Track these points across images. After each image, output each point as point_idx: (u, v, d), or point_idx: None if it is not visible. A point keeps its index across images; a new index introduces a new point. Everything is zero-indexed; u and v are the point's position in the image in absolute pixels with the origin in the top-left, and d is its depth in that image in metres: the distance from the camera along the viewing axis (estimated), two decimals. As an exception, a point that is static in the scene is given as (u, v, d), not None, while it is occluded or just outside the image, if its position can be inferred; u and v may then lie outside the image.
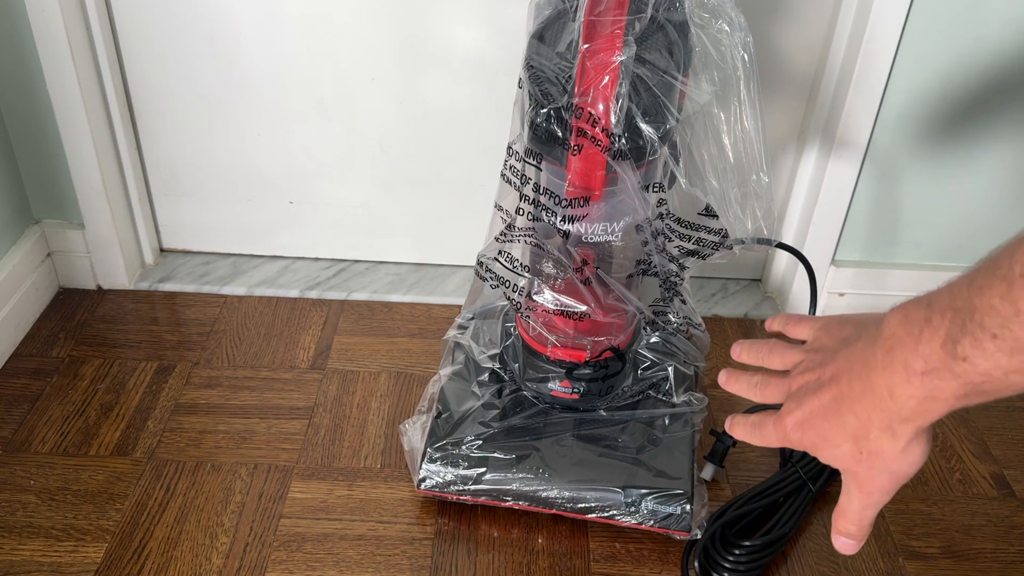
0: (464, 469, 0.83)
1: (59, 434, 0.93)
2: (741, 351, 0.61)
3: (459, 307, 1.00)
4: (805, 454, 0.86)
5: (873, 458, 0.48)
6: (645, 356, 0.90)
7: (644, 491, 0.81)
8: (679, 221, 0.78)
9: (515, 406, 0.88)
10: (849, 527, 0.53)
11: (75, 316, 1.10)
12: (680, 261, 0.79)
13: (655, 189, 0.74)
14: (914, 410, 0.44)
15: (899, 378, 0.43)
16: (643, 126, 0.68)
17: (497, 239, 0.80)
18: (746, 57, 0.72)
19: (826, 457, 0.51)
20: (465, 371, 0.91)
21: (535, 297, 0.80)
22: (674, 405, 0.88)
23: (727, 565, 0.78)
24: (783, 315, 0.62)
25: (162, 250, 1.21)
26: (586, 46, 0.66)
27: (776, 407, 0.54)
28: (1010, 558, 0.84)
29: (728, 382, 0.60)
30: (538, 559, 0.82)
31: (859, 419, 0.47)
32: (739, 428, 0.57)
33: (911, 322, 0.43)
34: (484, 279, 0.83)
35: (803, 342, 0.57)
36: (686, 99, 0.73)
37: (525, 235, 0.77)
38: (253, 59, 1.04)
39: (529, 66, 0.71)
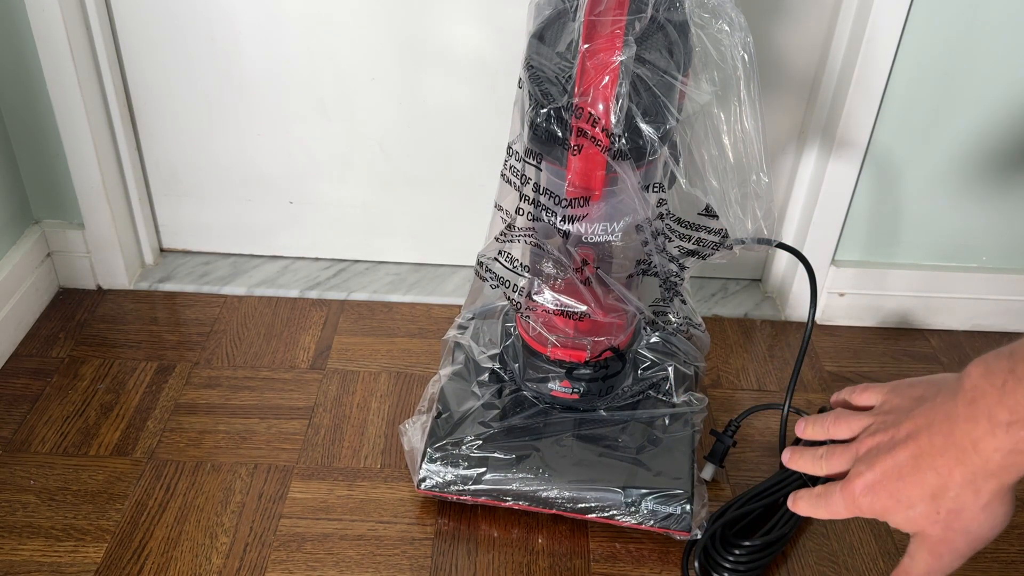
0: (464, 469, 0.83)
1: (59, 434, 0.93)
2: (806, 427, 0.59)
3: (459, 307, 1.01)
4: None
5: (951, 517, 0.47)
6: (645, 356, 0.90)
7: (644, 491, 0.81)
8: (679, 221, 0.78)
9: (515, 406, 0.88)
10: None
11: (75, 316, 1.10)
12: (680, 261, 0.79)
13: (655, 189, 0.74)
14: (999, 464, 0.43)
15: (983, 430, 0.42)
16: (643, 126, 0.68)
17: (497, 239, 0.80)
18: (746, 57, 0.72)
19: (898, 520, 0.49)
20: (465, 371, 0.91)
21: (535, 297, 0.80)
22: (674, 405, 0.88)
23: (727, 565, 0.78)
24: (848, 388, 0.59)
25: (162, 250, 1.21)
26: (586, 46, 0.66)
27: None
28: (1010, 558, 0.84)
29: (792, 459, 0.58)
30: (538, 559, 0.82)
31: (939, 475, 0.46)
32: (803, 502, 0.55)
33: (993, 373, 0.42)
34: (484, 279, 0.83)
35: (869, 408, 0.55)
36: (686, 99, 0.73)
37: (525, 235, 0.77)
38: (253, 59, 1.04)
39: (529, 66, 0.71)
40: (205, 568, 0.80)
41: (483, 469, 0.82)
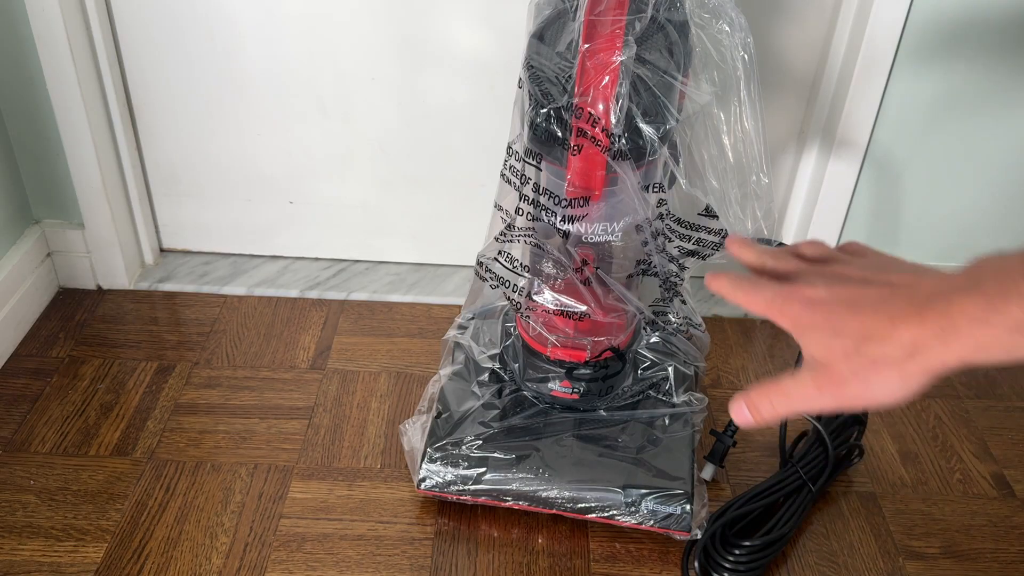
0: (464, 469, 0.83)
1: (59, 434, 0.93)
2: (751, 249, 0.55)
3: (459, 307, 1.00)
4: (806, 454, 0.86)
5: (866, 364, 0.44)
6: (645, 356, 0.90)
7: (644, 491, 0.81)
8: (679, 221, 0.78)
9: (515, 406, 0.88)
10: (768, 411, 0.48)
11: (75, 316, 1.10)
12: (680, 261, 0.79)
13: (655, 189, 0.74)
14: (958, 332, 0.41)
15: (964, 293, 0.41)
16: (643, 126, 0.68)
17: (497, 239, 0.80)
18: (746, 57, 0.72)
19: (812, 342, 0.46)
20: (465, 371, 0.91)
21: (535, 297, 0.80)
22: (674, 405, 0.88)
23: (727, 565, 0.78)
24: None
25: (162, 250, 1.21)
26: (586, 46, 0.66)
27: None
28: (1010, 558, 0.84)
29: (737, 243, 0.55)
30: (538, 559, 0.82)
31: (892, 323, 0.43)
32: (724, 280, 0.52)
33: (1004, 256, 0.41)
34: (484, 279, 0.83)
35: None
36: (686, 99, 0.73)
37: (525, 235, 0.77)
38: (253, 59, 1.04)
39: (529, 66, 0.71)
40: (205, 568, 0.80)
41: (483, 469, 0.82)
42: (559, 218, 0.73)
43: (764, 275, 0.53)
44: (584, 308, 0.79)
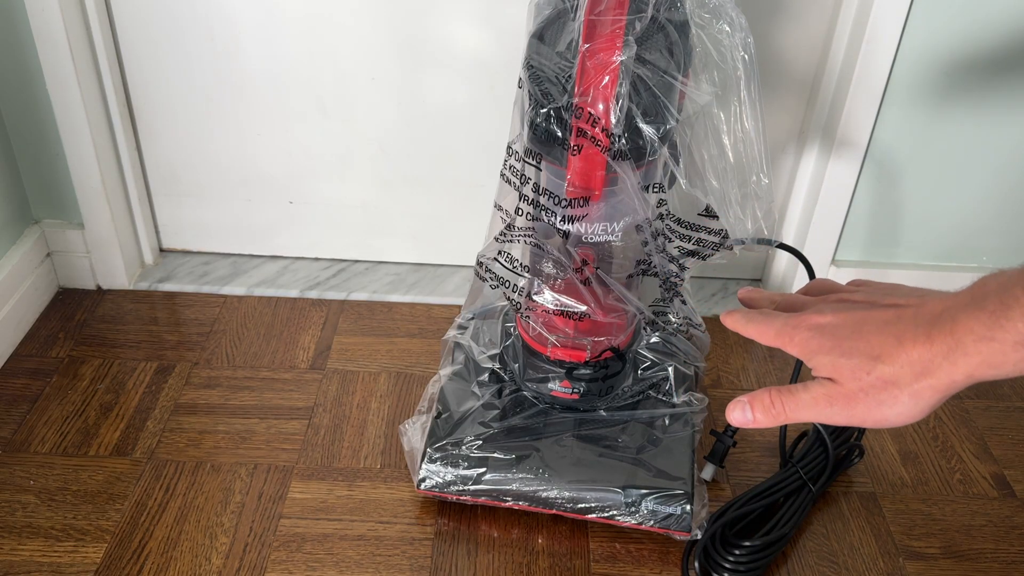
0: (464, 469, 0.83)
1: (59, 434, 0.93)
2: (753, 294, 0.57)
3: (459, 307, 1.00)
4: (806, 454, 0.86)
5: (876, 383, 0.45)
6: (645, 356, 0.90)
7: (644, 491, 0.81)
8: (679, 221, 0.78)
9: (515, 406, 0.88)
10: (769, 417, 0.49)
11: (75, 316, 1.10)
12: (680, 261, 0.79)
13: (655, 189, 0.74)
14: (965, 350, 0.42)
15: (968, 313, 0.42)
16: (643, 126, 0.68)
17: (497, 239, 0.80)
18: (746, 57, 0.72)
19: (822, 363, 0.48)
20: (465, 371, 0.91)
21: (535, 297, 0.80)
22: (674, 405, 0.88)
23: (727, 565, 0.78)
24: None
25: (162, 250, 1.21)
26: (586, 46, 0.66)
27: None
28: (1011, 558, 0.84)
29: (745, 296, 0.56)
30: (538, 559, 0.82)
31: (900, 344, 0.44)
32: (737, 316, 0.53)
33: (1004, 274, 0.42)
34: (484, 279, 0.83)
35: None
36: (686, 99, 0.73)
37: (525, 235, 0.77)
38: (253, 59, 1.04)
39: (529, 66, 0.71)
40: (205, 568, 0.80)
41: (483, 469, 0.82)
42: (559, 218, 0.73)
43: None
44: (584, 308, 0.79)
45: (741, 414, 0.51)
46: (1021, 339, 0.40)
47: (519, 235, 0.78)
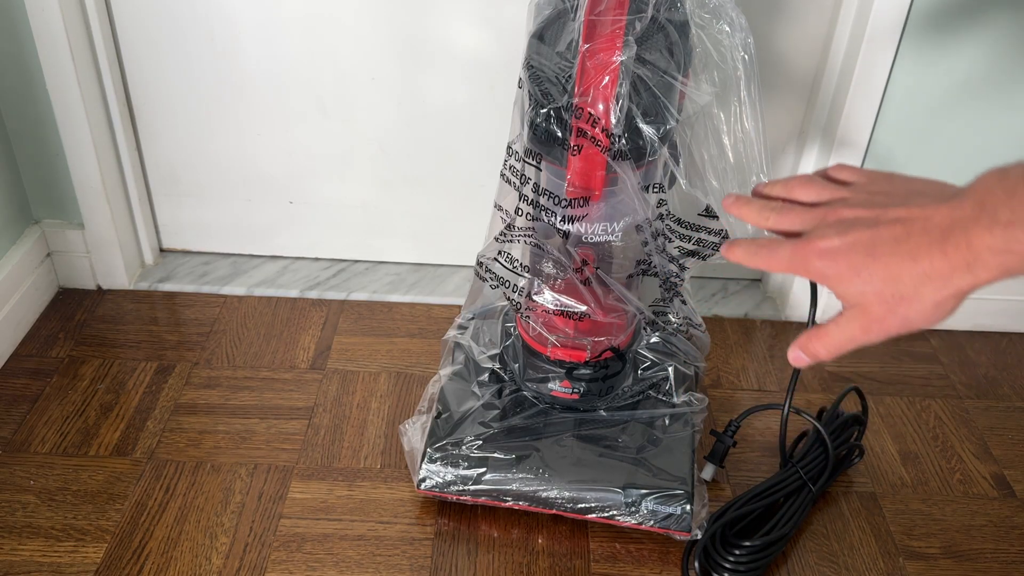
0: (464, 469, 0.83)
1: (59, 434, 0.93)
2: (768, 185, 0.58)
3: (459, 307, 1.00)
4: (806, 454, 0.86)
5: (900, 302, 0.47)
6: (645, 356, 0.90)
7: (644, 491, 0.81)
8: (679, 221, 0.78)
9: (515, 406, 0.88)
10: (821, 351, 0.51)
11: (75, 316, 1.10)
12: (680, 262, 0.79)
13: (655, 189, 0.74)
14: (984, 262, 0.43)
15: (983, 226, 0.43)
16: (643, 126, 0.68)
17: (497, 239, 0.80)
18: (746, 58, 0.72)
19: (845, 291, 0.49)
20: (465, 371, 0.91)
21: (535, 297, 0.80)
22: (674, 405, 0.88)
23: (727, 565, 0.78)
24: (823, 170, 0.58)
25: (162, 250, 1.21)
26: (586, 46, 0.66)
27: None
28: (1010, 558, 0.84)
29: (736, 203, 0.57)
30: (538, 559, 0.82)
31: (916, 262, 0.46)
32: (741, 249, 0.54)
33: (1008, 178, 0.43)
34: (484, 279, 0.83)
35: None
36: (686, 99, 0.73)
37: (525, 235, 0.77)
38: (253, 59, 1.04)
39: (529, 66, 0.71)
40: (205, 568, 0.80)
41: (483, 469, 0.82)
42: (559, 218, 0.73)
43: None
44: (584, 308, 0.79)
45: (798, 359, 0.53)
46: None
47: (519, 235, 0.78)
